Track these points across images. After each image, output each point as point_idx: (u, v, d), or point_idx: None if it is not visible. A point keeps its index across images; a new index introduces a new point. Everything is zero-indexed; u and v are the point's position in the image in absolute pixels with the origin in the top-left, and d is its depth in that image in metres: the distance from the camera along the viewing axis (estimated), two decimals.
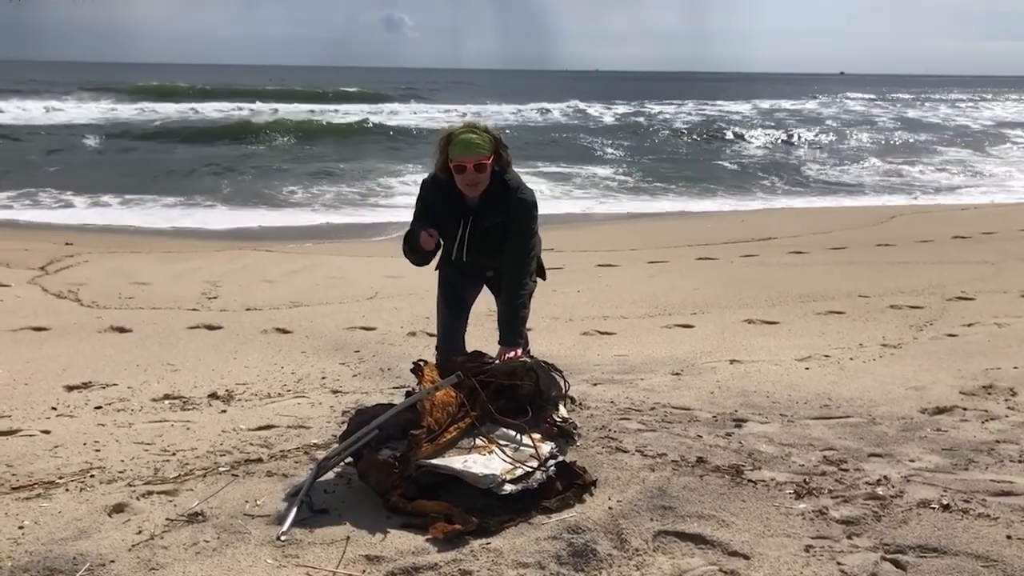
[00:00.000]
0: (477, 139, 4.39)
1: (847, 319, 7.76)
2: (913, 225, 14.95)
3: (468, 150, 4.37)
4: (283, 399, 5.58)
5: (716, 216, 17.60)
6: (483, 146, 4.39)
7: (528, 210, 4.55)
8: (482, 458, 3.75)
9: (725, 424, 4.83)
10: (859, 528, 3.46)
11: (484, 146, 4.39)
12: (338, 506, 3.74)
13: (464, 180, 4.43)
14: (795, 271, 10.45)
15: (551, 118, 46.97)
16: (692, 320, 7.83)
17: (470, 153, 4.38)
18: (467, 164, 4.39)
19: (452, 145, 4.40)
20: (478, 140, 4.39)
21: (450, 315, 4.93)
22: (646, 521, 3.51)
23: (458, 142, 4.39)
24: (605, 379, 5.87)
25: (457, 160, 4.39)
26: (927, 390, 5.45)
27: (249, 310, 8.42)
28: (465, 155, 4.38)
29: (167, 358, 6.58)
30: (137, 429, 4.92)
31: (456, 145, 4.39)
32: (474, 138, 4.39)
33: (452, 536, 3.37)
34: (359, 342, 7.10)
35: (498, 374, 4.17)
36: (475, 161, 4.38)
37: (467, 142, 4.37)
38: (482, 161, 4.39)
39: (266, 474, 4.16)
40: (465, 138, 4.39)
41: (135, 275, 10.13)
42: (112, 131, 34.00)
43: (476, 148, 4.38)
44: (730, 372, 6.02)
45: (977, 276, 9.74)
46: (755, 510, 3.63)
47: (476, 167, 4.39)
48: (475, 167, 4.39)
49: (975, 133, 40.79)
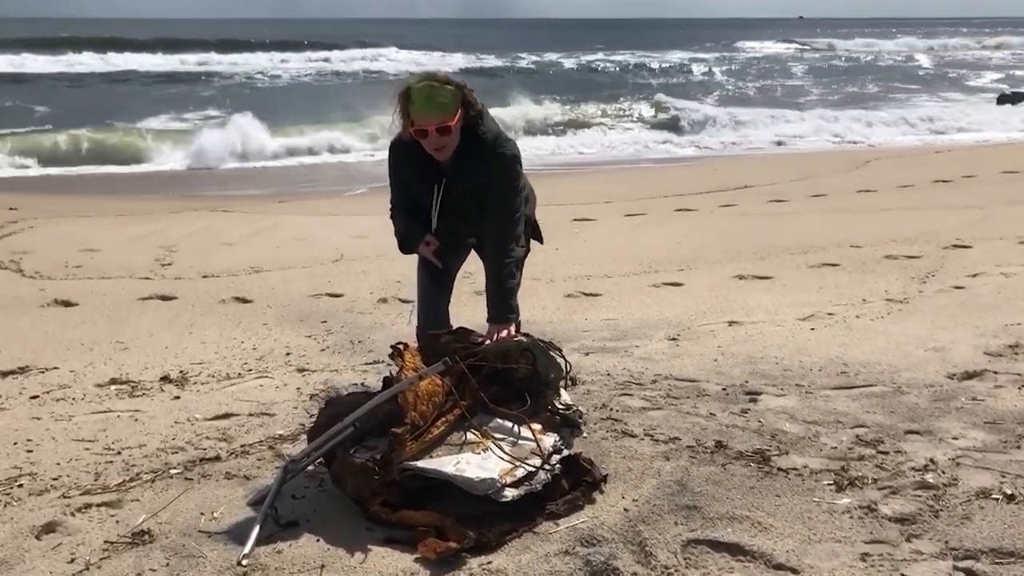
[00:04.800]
0: (438, 96, 3.71)
1: (843, 272, 7.30)
2: (891, 170, 14.58)
3: (428, 110, 3.71)
4: (244, 380, 5.03)
5: (687, 164, 17.15)
6: (446, 104, 3.72)
7: (509, 165, 3.93)
8: (476, 457, 3.22)
9: (738, 398, 4.35)
10: (917, 528, 2.99)
11: (447, 104, 3.73)
12: (310, 516, 3.22)
13: (428, 145, 3.81)
14: (778, 221, 9.99)
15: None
16: (680, 277, 7.33)
17: (430, 114, 3.71)
18: (428, 128, 3.74)
19: (411, 103, 3.75)
20: (439, 97, 3.71)
21: (432, 284, 4.33)
22: (670, 526, 3.02)
23: (416, 100, 3.72)
24: (597, 348, 5.37)
25: (418, 124, 3.75)
26: (949, 351, 5.01)
27: (206, 277, 7.83)
28: (425, 117, 3.72)
29: (116, 335, 6.00)
30: (78, 423, 4.35)
31: (414, 104, 3.73)
32: (435, 95, 3.71)
33: (446, 556, 2.85)
34: (326, 311, 6.54)
35: (490, 357, 3.62)
36: (437, 123, 3.72)
37: (426, 100, 3.70)
38: (445, 123, 3.73)
39: (225, 476, 3.62)
40: (423, 95, 3.71)
41: (85, 241, 9.48)
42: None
43: (437, 108, 3.71)
44: (731, 335, 5.54)
45: (968, 222, 9.33)
46: (793, 508, 3.15)
47: (439, 130, 3.74)
48: (438, 130, 3.74)
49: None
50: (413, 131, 3.78)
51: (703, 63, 45.54)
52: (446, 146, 3.80)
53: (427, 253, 4.09)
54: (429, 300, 4.33)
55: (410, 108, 3.73)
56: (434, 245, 4.05)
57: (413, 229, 4.08)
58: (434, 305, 4.32)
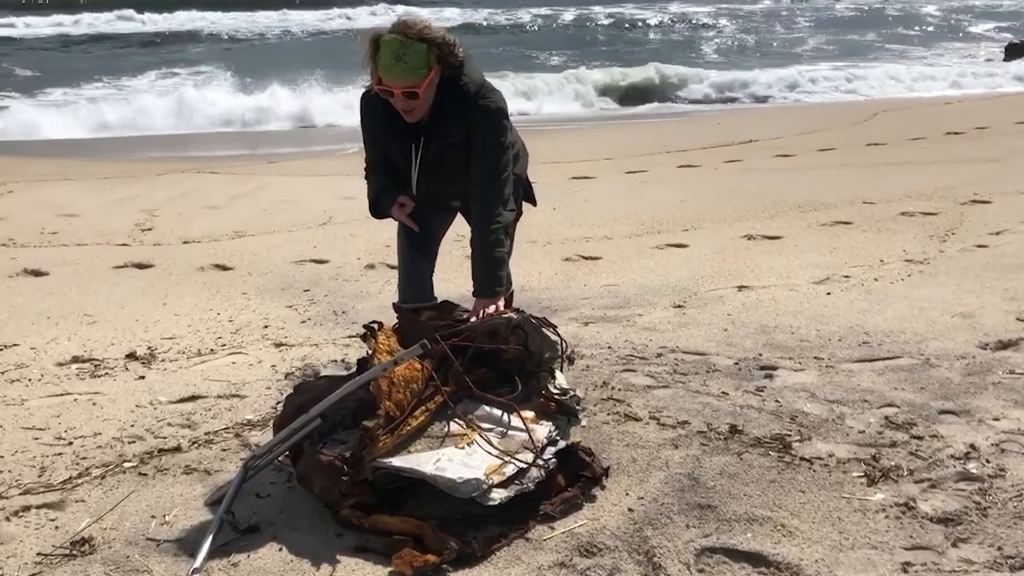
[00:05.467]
0: (407, 55, 3.20)
1: (857, 230, 6.89)
2: (900, 122, 14.09)
3: (393, 71, 3.22)
4: (216, 357, 4.65)
5: (690, 118, 16.68)
6: (414, 66, 3.22)
7: (494, 119, 3.45)
8: (460, 453, 2.83)
9: (752, 374, 3.97)
10: (963, 530, 2.61)
11: (416, 65, 3.22)
12: (274, 519, 2.85)
13: (396, 105, 3.34)
14: (786, 176, 9.55)
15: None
16: (685, 238, 6.92)
17: (394, 76, 3.23)
18: (394, 89, 3.27)
19: (378, 57, 3.25)
20: (408, 57, 3.21)
21: (414, 252, 3.91)
22: (681, 530, 2.65)
23: (383, 56, 3.22)
24: (597, 317, 4.98)
25: (385, 83, 3.26)
26: (978, 318, 4.62)
27: (187, 243, 7.44)
28: (390, 78, 3.24)
29: (85, 307, 5.62)
30: (31, 408, 3.98)
31: (381, 60, 3.23)
32: (403, 53, 3.20)
33: (424, 571, 2.48)
34: (309, 278, 6.15)
35: (476, 335, 3.21)
36: (403, 87, 3.25)
37: (393, 59, 3.20)
38: (412, 88, 3.25)
39: (183, 470, 3.25)
40: (390, 52, 3.20)
41: (64, 206, 9.07)
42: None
43: (403, 70, 3.22)
44: (741, 302, 5.15)
45: (985, 176, 8.89)
46: (821, 506, 2.78)
47: (406, 94, 3.27)
48: (404, 94, 3.27)
49: None
50: (378, 89, 3.32)
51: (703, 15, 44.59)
52: (414, 109, 3.33)
53: (401, 216, 3.66)
54: (411, 270, 3.91)
55: (377, 62, 3.26)
56: (409, 206, 3.62)
57: (386, 189, 3.66)
58: (416, 275, 3.90)
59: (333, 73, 18.97)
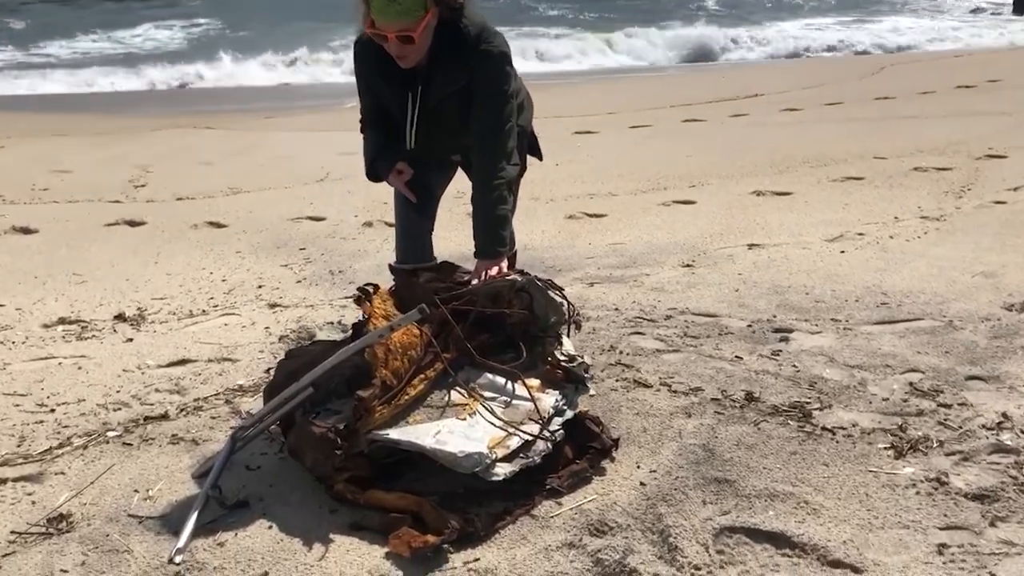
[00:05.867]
0: None
1: (870, 186, 6.68)
2: (908, 76, 13.79)
3: (386, 13, 2.96)
4: (207, 318, 4.47)
5: (695, 71, 16.38)
6: (409, 6, 2.96)
7: (496, 66, 3.21)
8: (461, 424, 2.65)
9: (766, 336, 3.79)
10: (1001, 507, 2.44)
11: (411, 5, 2.96)
12: (263, 494, 2.68)
13: (390, 51, 3.10)
14: (794, 131, 9.31)
15: None
16: (692, 194, 6.72)
17: (388, 18, 2.98)
18: (387, 34, 3.03)
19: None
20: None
21: (412, 210, 3.66)
22: (698, 507, 2.48)
23: None
24: (603, 277, 4.79)
25: (378, 26, 3.01)
26: (1000, 277, 4.43)
27: (180, 200, 7.26)
28: (383, 20, 2.98)
29: (74, 266, 5.44)
30: (13, 372, 3.81)
31: (373, 1, 2.97)
32: None
33: (422, 552, 2.31)
34: (305, 236, 5.96)
35: (478, 299, 3.02)
36: (396, 30, 3.00)
37: (386, 0, 2.95)
38: (407, 31, 3.00)
39: (170, 440, 3.09)
40: None
41: (57, 162, 8.89)
42: None
43: (396, 13, 2.96)
44: (752, 260, 4.96)
45: (998, 129, 8.65)
46: (846, 481, 2.61)
47: (400, 38, 3.03)
48: (398, 38, 3.03)
49: None
50: (371, 33, 3.08)
51: None
52: (409, 55, 3.09)
53: (398, 184, 3.45)
54: (408, 229, 3.70)
55: (369, 3, 3.01)
56: (407, 174, 3.41)
57: (383, 151, 3.44)
58: (415, 235, 3.69)
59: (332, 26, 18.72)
